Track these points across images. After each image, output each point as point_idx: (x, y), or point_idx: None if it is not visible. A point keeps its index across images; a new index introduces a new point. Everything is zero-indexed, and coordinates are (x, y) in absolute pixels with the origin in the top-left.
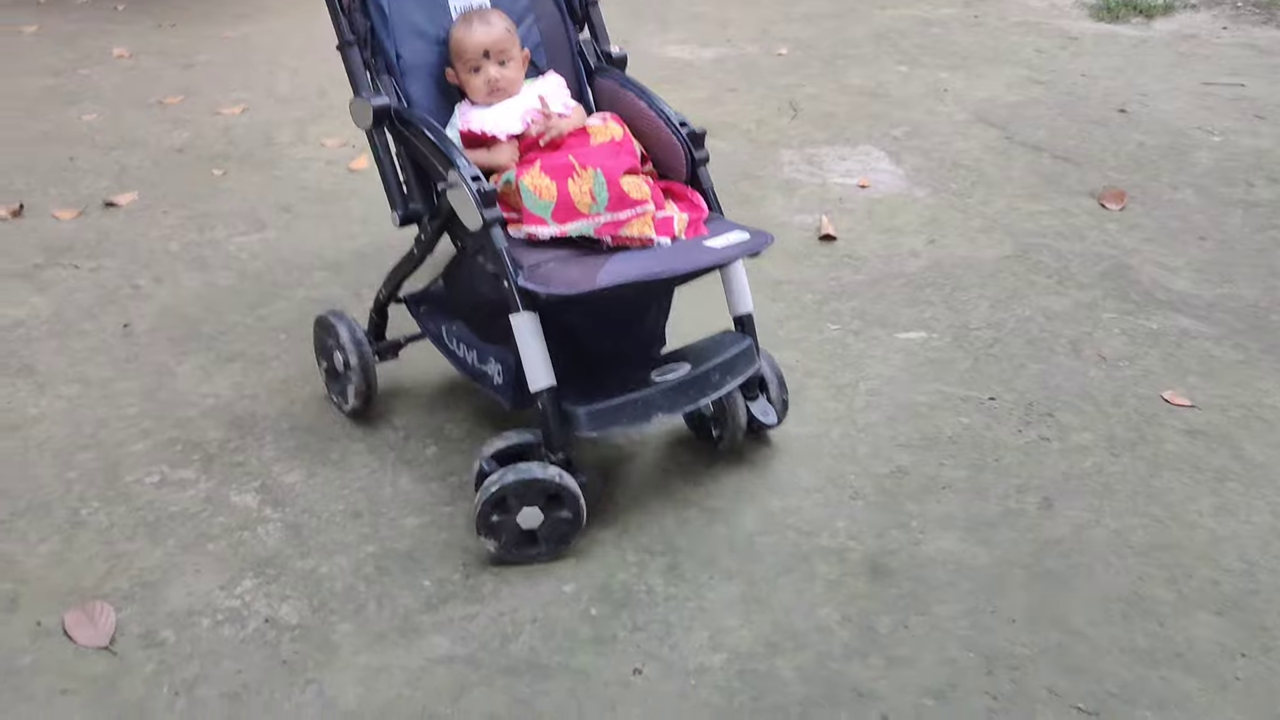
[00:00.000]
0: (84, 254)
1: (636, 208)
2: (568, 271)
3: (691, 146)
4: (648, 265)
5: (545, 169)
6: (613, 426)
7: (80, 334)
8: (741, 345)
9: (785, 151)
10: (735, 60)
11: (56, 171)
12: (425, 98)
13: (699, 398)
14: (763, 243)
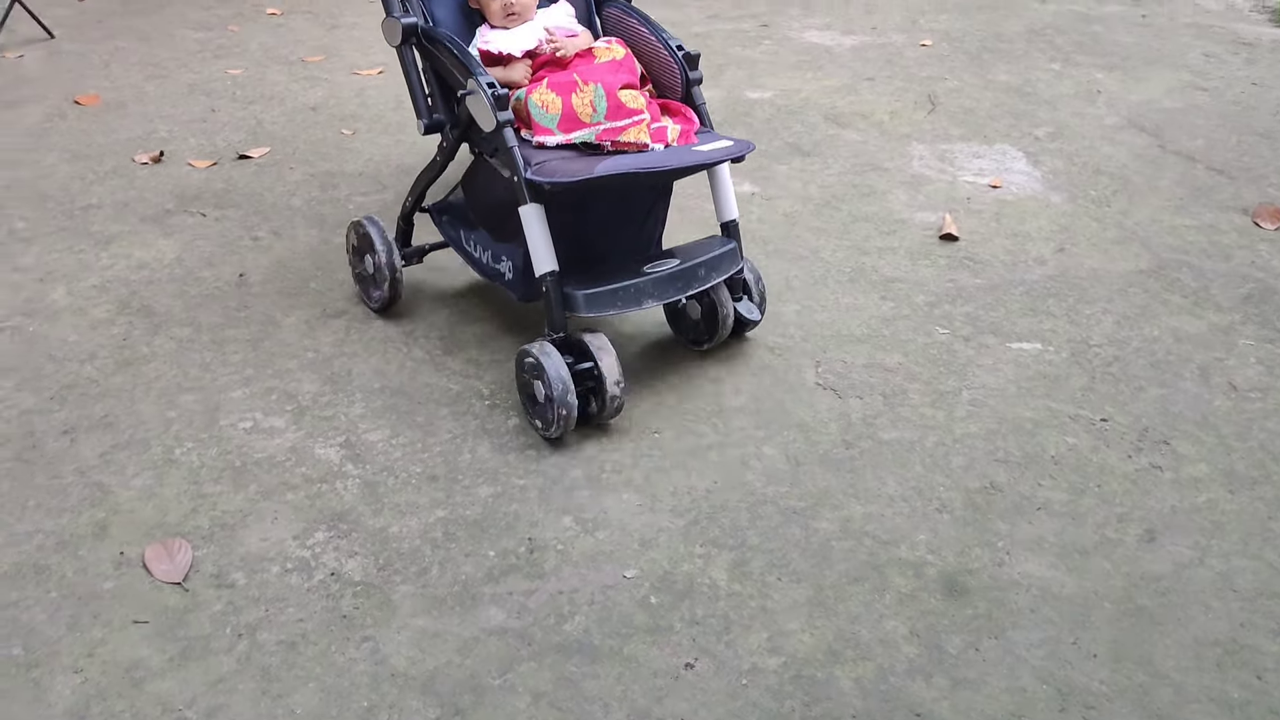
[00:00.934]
0: (211, 203)
1: (633, 117)
2: (570, 166)
3: (686, 67)
4: (640, 162)
5: (552, 85)
6: (607, 310)
7: (198, 280)
8: (726, 247)
9: (917, 145)
10: (877, 49)
11: (198, 122)
12: (449, 19)
13: (685, 289)
14: (745, 149)
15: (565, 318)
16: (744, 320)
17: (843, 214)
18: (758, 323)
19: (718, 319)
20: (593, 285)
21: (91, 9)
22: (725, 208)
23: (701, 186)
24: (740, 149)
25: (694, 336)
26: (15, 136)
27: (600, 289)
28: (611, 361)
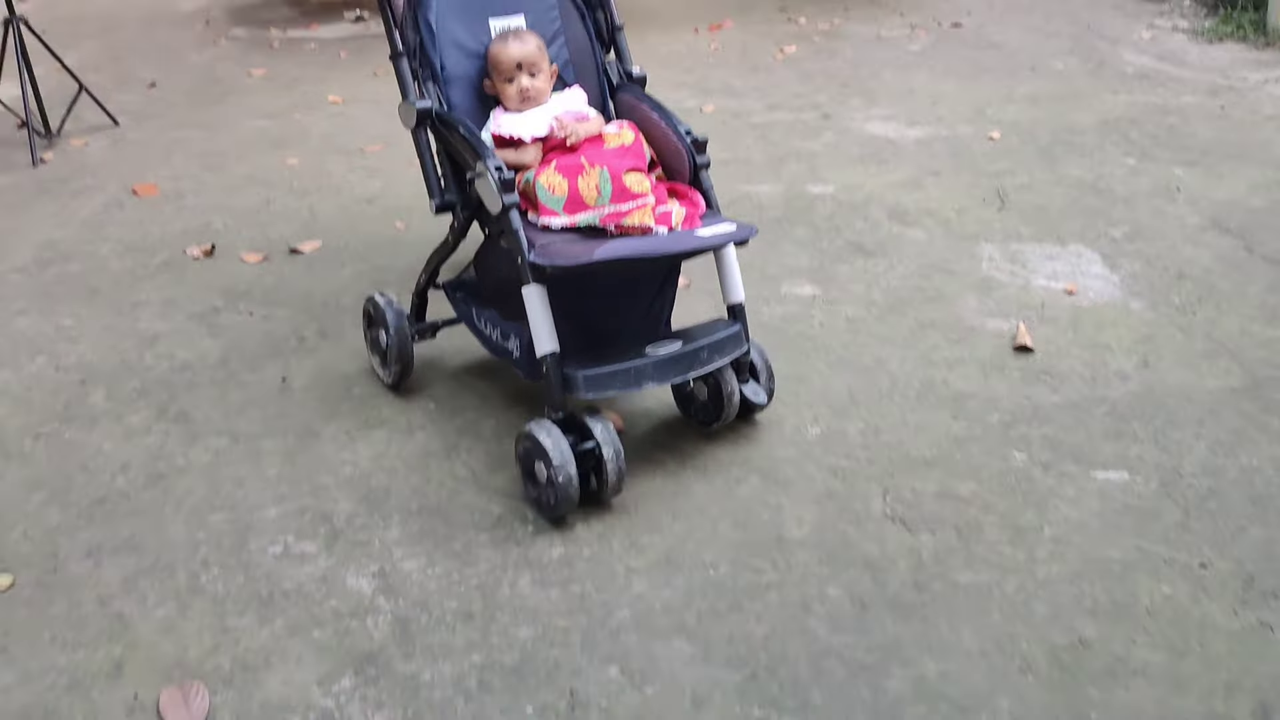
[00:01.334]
0: (260, 299)
1: (637, 200)
2: (571, 249)
3: (694, 152)
4: (641, 246)
5: (559, 169)
6: (606, 391)
7: (240, 384)
8: (731, 330)
9: (986, 246)
10: (943, 142)
11: (252, 213)
12: (464, 103)
13: (687, 371)
14: (747, 234)
15: (564, 398)
16: (750, 404)
17: (909, 320)
18: (764, 406)
19: (723, 401)
20: (592, 366)
21: (159, 96)
22: (731, 290)
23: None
24: (743, 233)
25: (701, 417)
26: (72, 228)
27: (600, 370)
28: (612, 440)
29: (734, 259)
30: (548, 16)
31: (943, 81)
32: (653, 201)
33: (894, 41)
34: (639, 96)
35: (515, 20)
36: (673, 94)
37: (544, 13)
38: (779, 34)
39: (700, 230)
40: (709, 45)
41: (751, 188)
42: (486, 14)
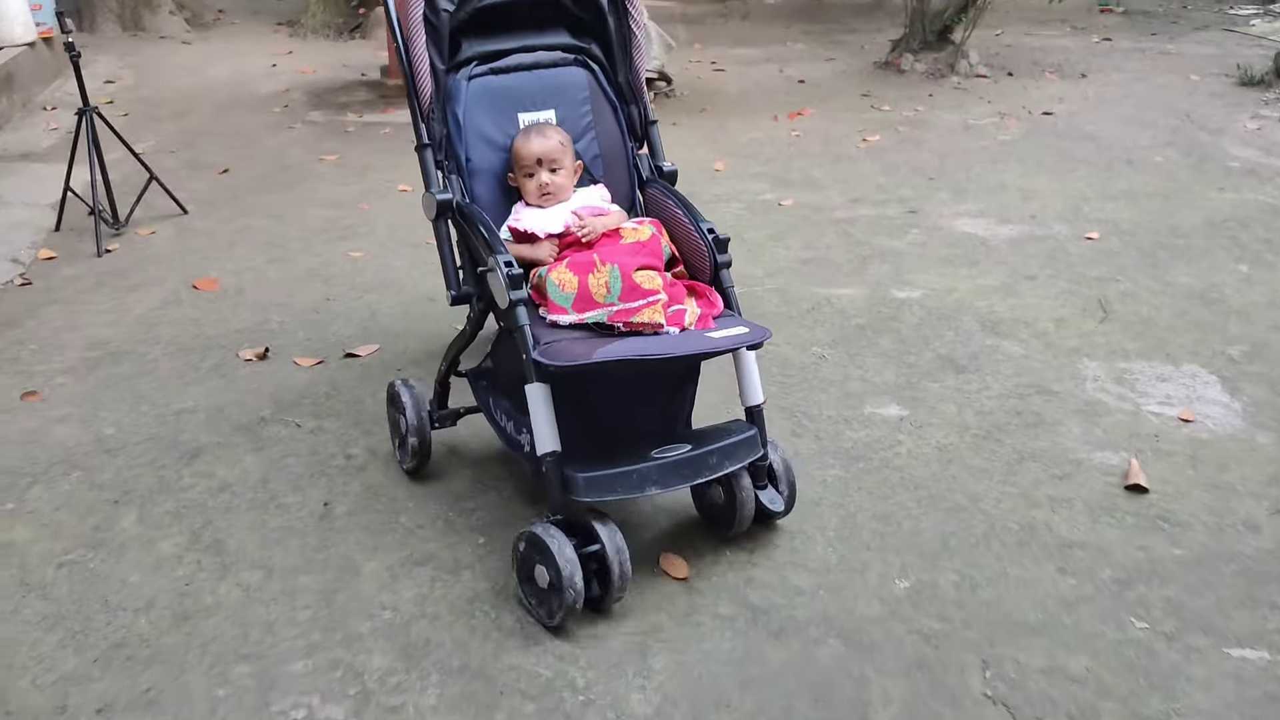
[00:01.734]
0: (310, 410)
1: (648, 298)
2: (574, 348)
3: (715, 250)
4: (644, 347)
5: (570, 265)
6: (607, 495)
7: (280, 508)
8: (745, 434)
9: (1088, 363)
10: (1037, 242)
11: (311, 312)
12: (488, 195)
13: (693, 477)
14: (759, 337)
15: (564, 499)
16: (767, 511)
17: (1006, 450)
18: (783, 514)
19: (736, 507)
20: (593, 468)
21: (229, 183)
22: (748, 392)
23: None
24: (755, 337)
25: (717, 521)
26: (126, 326)
27: (600, 473)
28: (616, 543)
29: (752, 361)
30: (579, 111)
31: (1035, 175)
32: (665, 299)
33: (982, 130)
34: (666, 192)
35: (545, 115)
36: (750, 185)
37: (575, 108)
38: (862, 122)
39: (711, 332)
40: (789, 133)
41: (832, 291)
42: (516, 109)
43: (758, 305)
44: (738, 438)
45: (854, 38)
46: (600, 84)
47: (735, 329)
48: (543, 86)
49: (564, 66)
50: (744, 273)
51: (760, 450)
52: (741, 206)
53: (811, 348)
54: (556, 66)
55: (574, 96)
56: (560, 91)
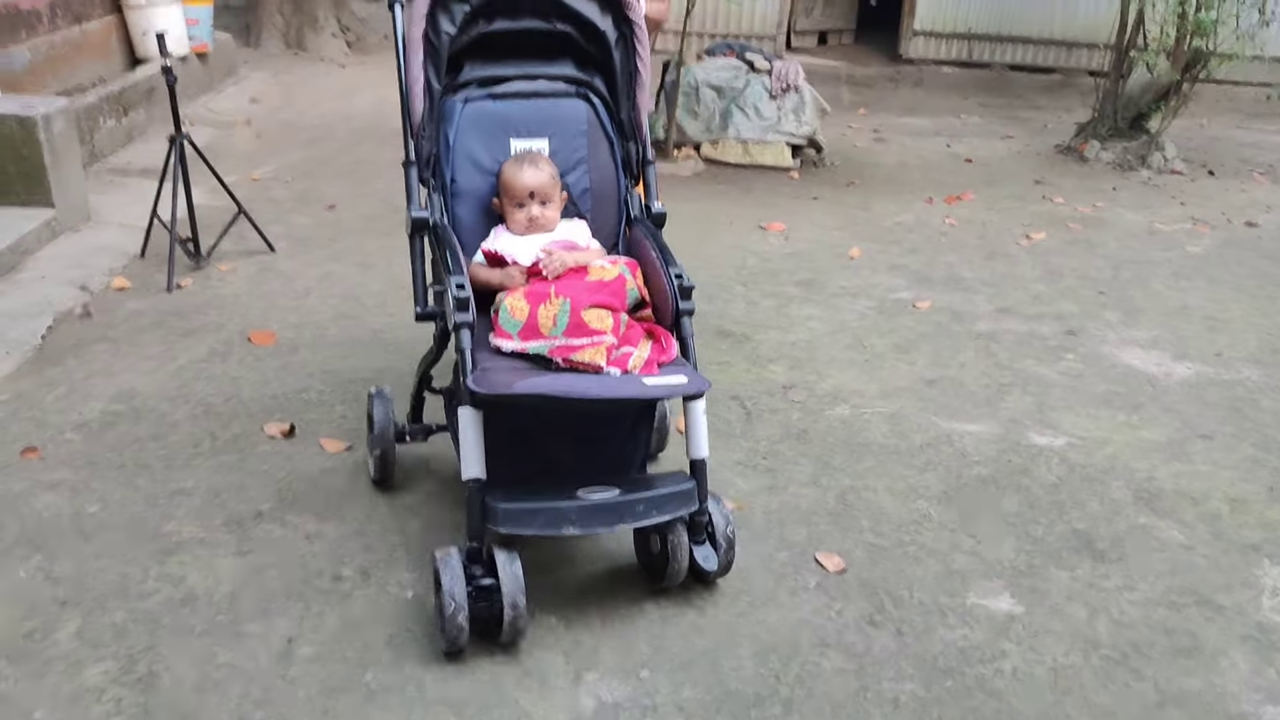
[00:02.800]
0: (316, 507)
1: (593, 337)
2: (504, 377)
3: (678, 297)
4: (568, 385)
5: (527, 294)
6: (524, 529)
7: (238, 638)
8: (681, 486)
9: (1270, 567)
10: (1220, 388)
11: (359, 383)
12: (469, 217)
13: (616, 522)
14: (696, 388)
15: (483, 527)
16: (700, 569)
17: (1145, 686)
18: (716, 574)
19: (668, 560)
20: (514, 500)
21: (331, 220)
22: (693, 444)
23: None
24: (691, 387)
25: (651, 571)
26: (163, 378)
27: (520, 505)
28: (515, 583)
29: (699, 411)
30: (574, 144)
31: (1227, 300)
32: (611, 341)
33: (1169, 238)
34: (647, 233)
35: (539, 143)
36: (885, 280)
37: (570, 139)
38: (1028, 214)
39: (648, 379)
40: (943, 220)
41: (955, 425)
42: (509, 134)
43: (860, 433)
44: (672, 489)
45: (1037, 116)
46: (600, 118)
47: (674, 378)
48: (540, 115)
49: (564, 98)
50: (853, 388)
51: (695, 504)
52: (869, 305)
53: (916, 500)
54: (556, 97)
55: (571, 128)
56: (557, 122)
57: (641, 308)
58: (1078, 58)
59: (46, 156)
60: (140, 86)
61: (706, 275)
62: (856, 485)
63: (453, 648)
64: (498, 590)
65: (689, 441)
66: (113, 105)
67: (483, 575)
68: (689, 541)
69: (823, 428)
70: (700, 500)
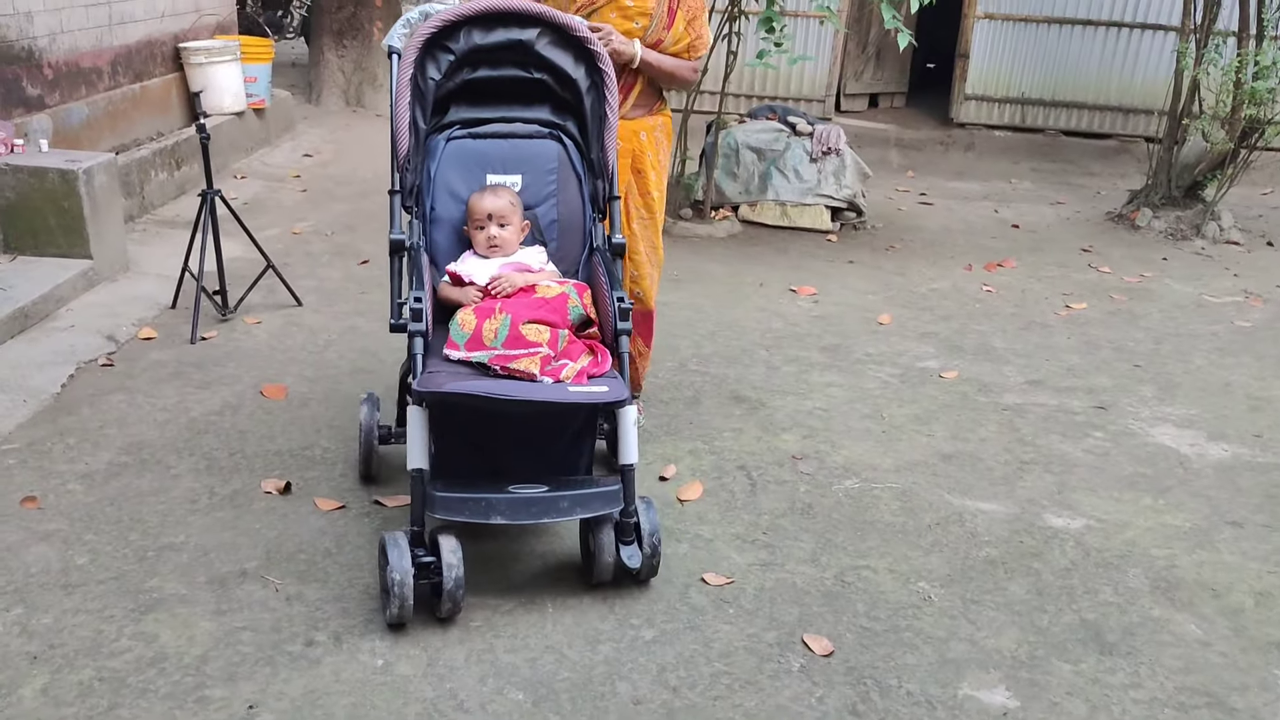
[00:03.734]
0: (300, 568)
1: (530, 349)
2: (440, 379)
3: (618, 317)
4: (496, 388)
5: (477, 309)
6: (455, 515)
7: (200, 704)
8: (607, 487)
9: None
10: (1256, 472)
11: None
12: (446, 242)
13: (540, 516)
14: (614, 397)
15: (423, 513)
16: (624, 567)
17: None
18: (639, 572)
19: (593, 556)
20: (449, 490)
21: (362, 275)
22: (622, 450)
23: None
24: (610, 396)
25: (587, 568)
26: (174, 429)
27: (453, 495)
28: (453, 560)
29: (629, 419)
30: (544, 180)
31: (1273, 378)
32: (546, 353)
33: (1217, 311)
34: (602, 261)
35: (512, 178)
36: (913, 347)
37: (541, 175)
38: (1071, 283)
39: (574, 387)
40: (980, 288)
41: (968, 503)
42: (486, 170)
43: (868, 510)
44: (598, 489)
45: (1090, 182)
46: (570, 158)
47: (597, 387)
48: (515, 154)
49: (538, 139)
50: (866, 461)
51: (619, 504)
52: (893, 373)
53: (918, 582)
54: (531, 138)
55: (542, 166)
56: (530, 160)
57: (588, 326)
58: (1134, 124)
59: (86, 209)
60: (194, 141)
61: (729, 338)
62: (857, 564)
63: (399, 619)
64: (438, 569)
65: (620, 446)
66: (165, 159)
67: (424, 554)
68: (616, 541)
69: (830, 502)
70: (626, 502)
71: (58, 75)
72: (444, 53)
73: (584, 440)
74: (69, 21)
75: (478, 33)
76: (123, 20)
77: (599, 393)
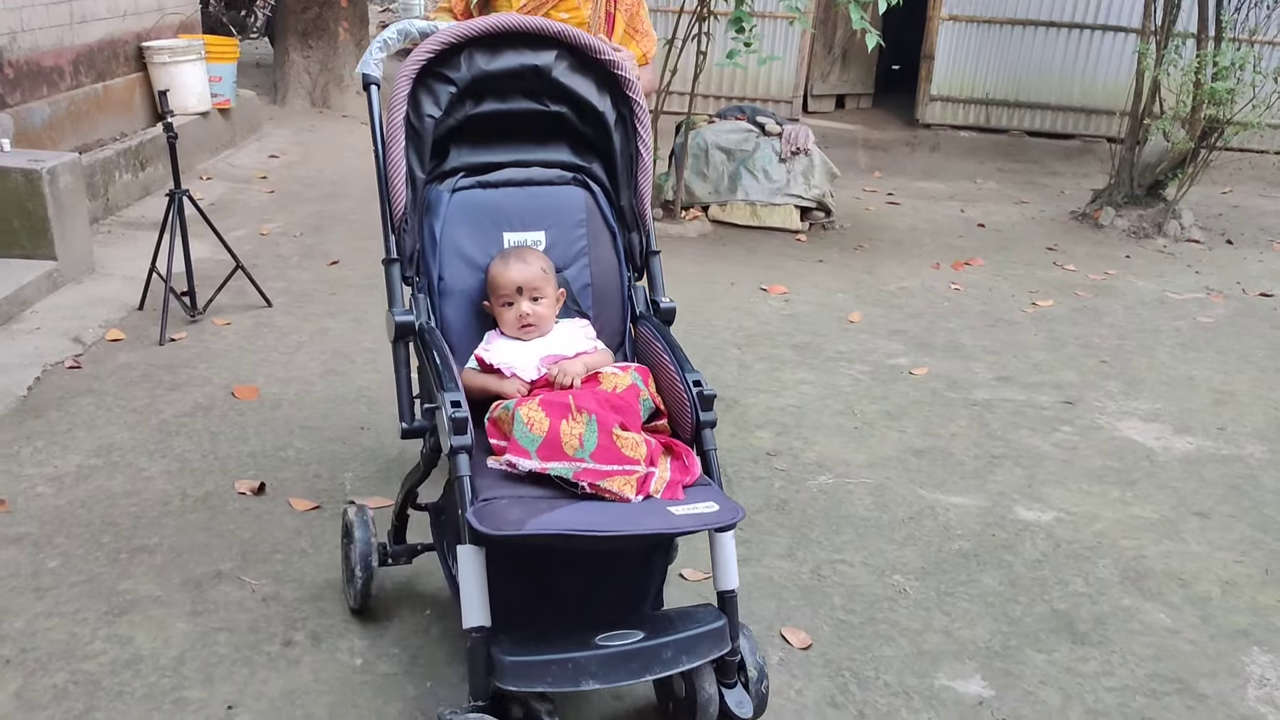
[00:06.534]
0: (276, 568)
1: (625, 465)
2: (511, 511)
3: (699, 407)
4: (589, 520)
5: (543, 404)
6: (535, 685)
7: (177, 705)
8: (712, 624)
9: (1259, 654)
10: (1221, 464)
11: (338, 441)
12: (459, 320)
13: (642, 672)
14: (729, 518)
15: (489, 683)
16: (732, 716)
17: None
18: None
19: (696, 710)
20: (524, 651)
21: (333, 276)
22: (721, 575)
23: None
24: (724, 518)
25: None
26: (144, 432)
27: (531, 658)
28: None
29: (729, 538)
30: (573, 235)
31: (1235, 372)
32: (642, 470)
33: (1180, 307)
34: (656, 333)
35: (534, 236)
36: (883, 345)
37: (569, 230)
38: (1037, 281)
39: (675, 506)
40: (948, 285)
41: (940, 497)
42: (502, 228)
43: (842, 504)
44: (702, 628)
45: (1054, 182)
46: (600, 207)
47: (704, 506)
48: (535, 205)
49: (561, 185)
50: (840, 457)
51: (728, 645)
52: (864, 371)
53: (893, 575)
54: (552, 185)
55: (569, 218)
56: (553, 212)
57: (656, 417)
58: (1097, 124)
59: (50, 209)
60: (158, 142)
61: (701, 337)
62: (833, 559)
63: None
64: None
65: (717, 569)
66: (129, 160)
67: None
68: (719, 685)
69: (804, 498)
70: (732, 639)
71: (19, 75)
72: (442, 83)
73: (656, 559)
74: (29, 20)
75: (482, 57)
76: (84, 19)
77: (709, 515)
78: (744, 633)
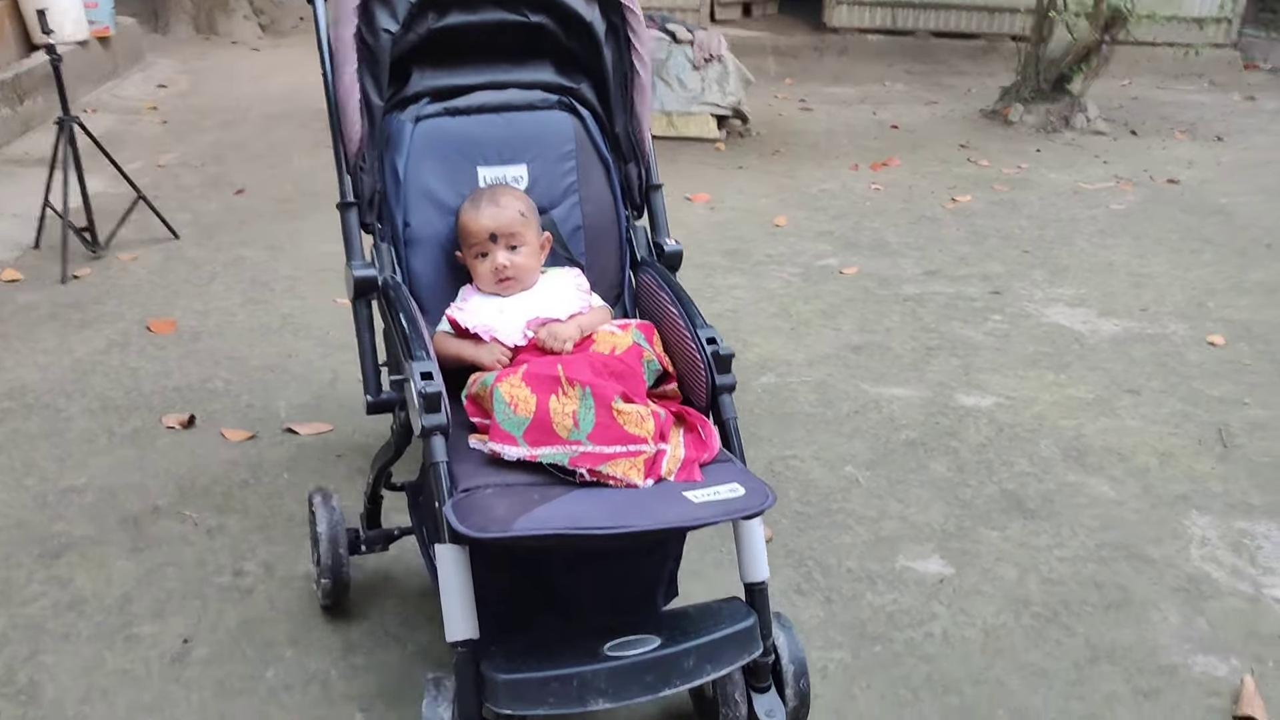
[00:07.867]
0: (217, 501)
1: (630, 444)
2: (496, 506)
3: (715, 369)
4: (590, 514)
5: (527, 377)
6: (535, 708)
7: (129, 642)
8: (741, 624)
9: (1198, 518)
10: (1146, 343)
11: (266, 370)
12: (430, 271)
13: (659, 686)
14: (757, 505)
15: (478, 707)
16: None
17: (1076, 642)
18: None
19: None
20: (520, 667)
21: (241, 205)
22: (750, 565)
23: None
24: (750, 505)
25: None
26: (58, 372)
27: (528, 675)
28: None
29: (758, 525)
30: (560, 169)
31: (1151, 255)
32: (650, 449)
33: (1092, 196)
34: (661, 282)
35: (514, 171)
36: (811, 246)
37: (555, 164)
38: (954, 177)
39: (692, 492)
40: (869, 186)
41: (883, 390)
42: (476, 162)
43: (787, 402)
44: (728, 630)
45: (961, 81)
46: (590, 135)
47: (727, 489)
48: (514, 134)
49: (544, 110)
50: (781, 357)
51: (759, 647)
52: (795, 272)
53: (844, 467)
54: (534, 109)
55: (555, 149)
56: (536, 142)
57: (664, 381)
58: (1000, 22)
59: None
60: (36, 73)
61: None
62: (784, 454)
63: None
64: None
65: (743, 559)
66: (5, 94)
67: None
68: (747, 690)
69: (750, 399)
70: (764, 637)
71: None
72: None
73: (669, 545)
74: None
75: None
76: None
77: (734, 501)
78: (779, 623)
